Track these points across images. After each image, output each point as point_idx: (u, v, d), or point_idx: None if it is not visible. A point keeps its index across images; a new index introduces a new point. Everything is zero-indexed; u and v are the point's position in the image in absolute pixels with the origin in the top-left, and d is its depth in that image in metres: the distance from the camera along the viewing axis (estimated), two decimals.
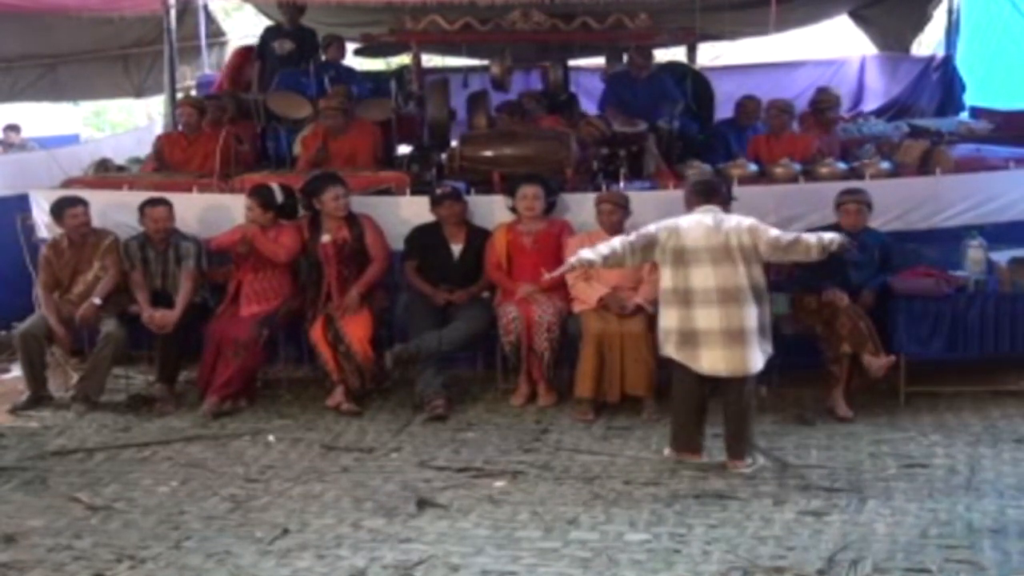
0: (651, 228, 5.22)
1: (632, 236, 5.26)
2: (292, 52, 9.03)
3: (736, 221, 5.18)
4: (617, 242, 5.27)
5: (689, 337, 5.09)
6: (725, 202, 5.36)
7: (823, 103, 8.52)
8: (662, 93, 8.27)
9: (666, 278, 5.16)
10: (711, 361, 5.06)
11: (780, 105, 7.96)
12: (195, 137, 7.96)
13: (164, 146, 8.14)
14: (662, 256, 5.15)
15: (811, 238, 5.13)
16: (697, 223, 5.15)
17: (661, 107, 8.03)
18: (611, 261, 5.22)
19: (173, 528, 4.59)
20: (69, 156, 8.79)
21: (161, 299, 6.49)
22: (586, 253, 5.23)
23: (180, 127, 8.26)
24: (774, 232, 5.14)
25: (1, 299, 7.56)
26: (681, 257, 5.10)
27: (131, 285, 6.51)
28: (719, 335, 5.04)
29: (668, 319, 5.17)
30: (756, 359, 5.09)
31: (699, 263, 5.06)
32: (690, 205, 5.33)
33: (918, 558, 4.13)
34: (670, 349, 5.18)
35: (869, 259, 6.18)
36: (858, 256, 5.95)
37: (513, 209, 6.52)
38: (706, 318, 5.04)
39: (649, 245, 5.16)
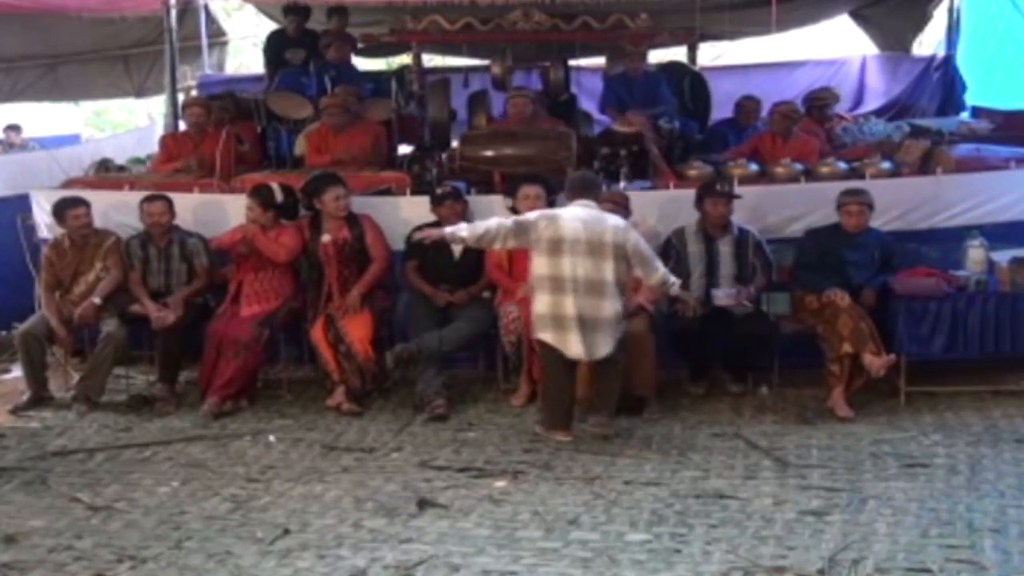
0: (531, 216, 5.58)
1: (509, 221, 5.57)
2: (305, 60, 9.02)
3: (614, 219, 5.56)
4: (494, 222, 5.56)
5: (560, 322, 5.47)
6: (600, 197, 5.74)
7: (819, 100, 8.51)
8: (658, 93, 8.27)
9: (540, 265, 5.49)
10: (575, 345, 5.45)
11: (784, 111, 7.83)
12: (201, 137, 7.95)
13: (171, 146, 8.13)
14: (537, 244, 5.47)
15: (661, 268, 5.57)
16: (575, 216, 5.50)
17: (658, 107, 8.04)
18: (484, 241, 5.56)
19: (174, 528, 4.59)
20: (70, 156, 8.80)
21: (162, 298, 6.49)
22: (462, 231, 5.52)
23: (188, 127, 8.25)
24: (642, 243, 5.55)
25: (2, 299, 7.56)
26: (557, 246, 5.43)
27: (131, 285, 6.52)
28: (579, 322, 5.43)
29: (541, 305, 5.52)
30: (607, 346, 5.49)
31: (573, 253, 5.42)
32: (570, 198, 5.69)
33: (919, 558, 4.13)
34: (544, 334, 5.51)
35: (870, 259, 6.19)
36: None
37: (513, 209, 6.51)
38: (572, 305, 5.42)
39: (523, 232, 5.48)
